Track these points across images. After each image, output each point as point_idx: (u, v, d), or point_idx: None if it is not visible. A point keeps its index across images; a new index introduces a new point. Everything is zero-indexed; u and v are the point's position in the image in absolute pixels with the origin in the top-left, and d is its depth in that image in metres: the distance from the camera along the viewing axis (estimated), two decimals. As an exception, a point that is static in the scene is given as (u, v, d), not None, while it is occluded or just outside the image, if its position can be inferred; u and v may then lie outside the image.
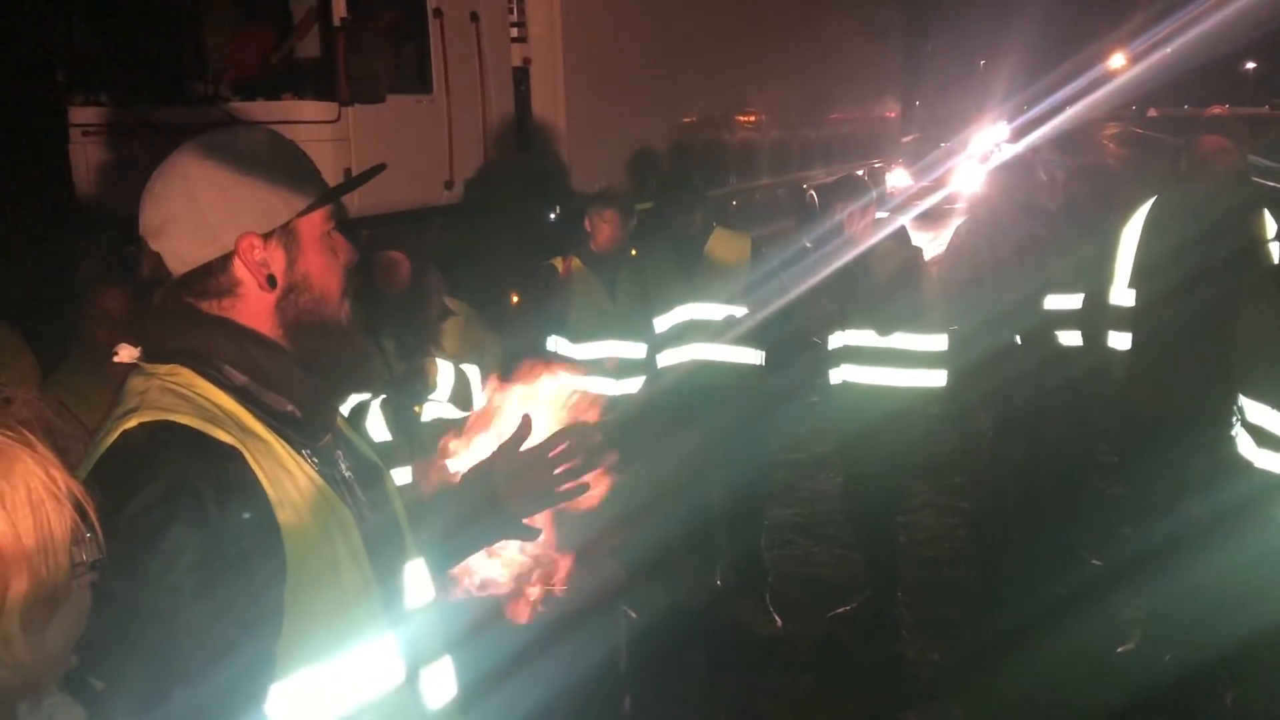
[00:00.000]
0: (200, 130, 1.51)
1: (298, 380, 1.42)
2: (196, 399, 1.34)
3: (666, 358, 4.73)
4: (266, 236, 1.40)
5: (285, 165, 1.46)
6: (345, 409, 3.60)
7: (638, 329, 4.71)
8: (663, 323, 4.72)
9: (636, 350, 4.74)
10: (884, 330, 4.33)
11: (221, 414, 1.34)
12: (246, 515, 1.26)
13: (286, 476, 1.34)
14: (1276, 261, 3.47)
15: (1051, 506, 5.10)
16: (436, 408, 3.82)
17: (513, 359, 4.32)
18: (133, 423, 1.28)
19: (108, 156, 6.83)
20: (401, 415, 3.66)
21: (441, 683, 1.60)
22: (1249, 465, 2.77)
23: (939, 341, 4.38)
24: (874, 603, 4.71)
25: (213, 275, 1.40)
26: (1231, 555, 2.97)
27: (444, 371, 3.81)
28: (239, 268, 1.40)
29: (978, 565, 5.32)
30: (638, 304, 4.71)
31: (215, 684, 1.20)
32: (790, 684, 4.26)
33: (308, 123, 6.07)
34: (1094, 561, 5.05)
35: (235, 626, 1.23)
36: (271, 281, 1.40)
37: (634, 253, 4.82)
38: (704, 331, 4.67)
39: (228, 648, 1.21)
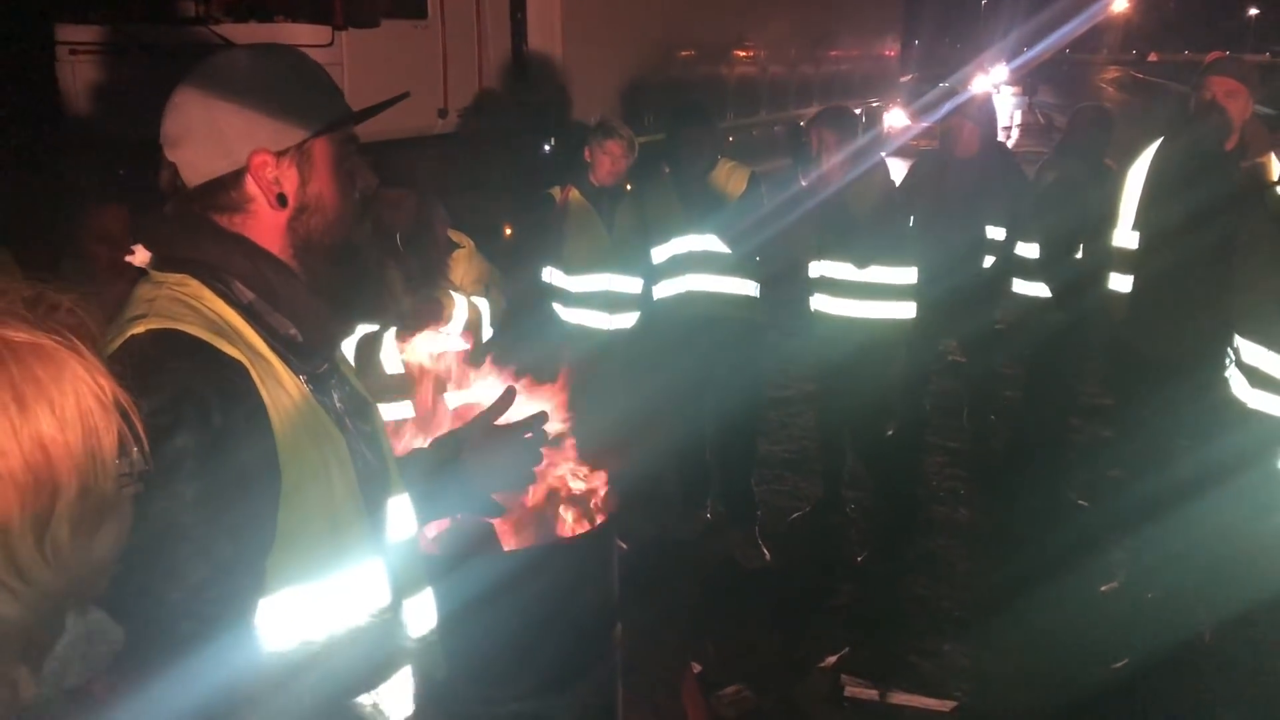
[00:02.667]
0: (191, 51, 1.50)
1: (304, 304, 1.42)
2: (204, 310, 1.33)
3: (663, 289, 4.72)
4: (281, 155, 1.39)
5: (307, 86, 1.45)
6: (355, 338, 3.62)
7: (633, 262, 4.69)
8: (660, 254, 4.69)
9: (631, 284, 4.72)
10: (860, 262, 4.39)
11: (228, 328, 1.34)
12: (249, 428, 1.27)
13: (286, 397, 1.34)
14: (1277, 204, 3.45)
15: (1040, 448, 5.15)
16: (447, 339, 3.82)
17: (511, 291, 4.35)
18: (140, 329, 1.28)
19: (96, 76, 6.70)
20: (414, 347, 3.66)
21: (422, 614, 1.62)
22: (1242, 406, 2.78)
23: (909, 274, 4.42)
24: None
25: (225, 190, 1.40)
26: (1217, 495, 3.00)
27: (459, 304, 3.82)
28: (251, 184, 1.40)
29: (966, 504, 5.37)
30: (635, 237, 4.68)
31: (209, 592, 1.21)
32: (778, 616, 4.31)
33: (301, 46, 5.96)
34: (1081, 503, 5.10)
35: (232, 536, 1.24)
36: (282, 200, 1.40)
37: (628, 187, 4.78)
38: (700, 263, 4.65)
39: (223, 556, 1.22)
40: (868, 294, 4.44)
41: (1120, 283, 4.00)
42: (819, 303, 4.60)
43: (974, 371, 6.03)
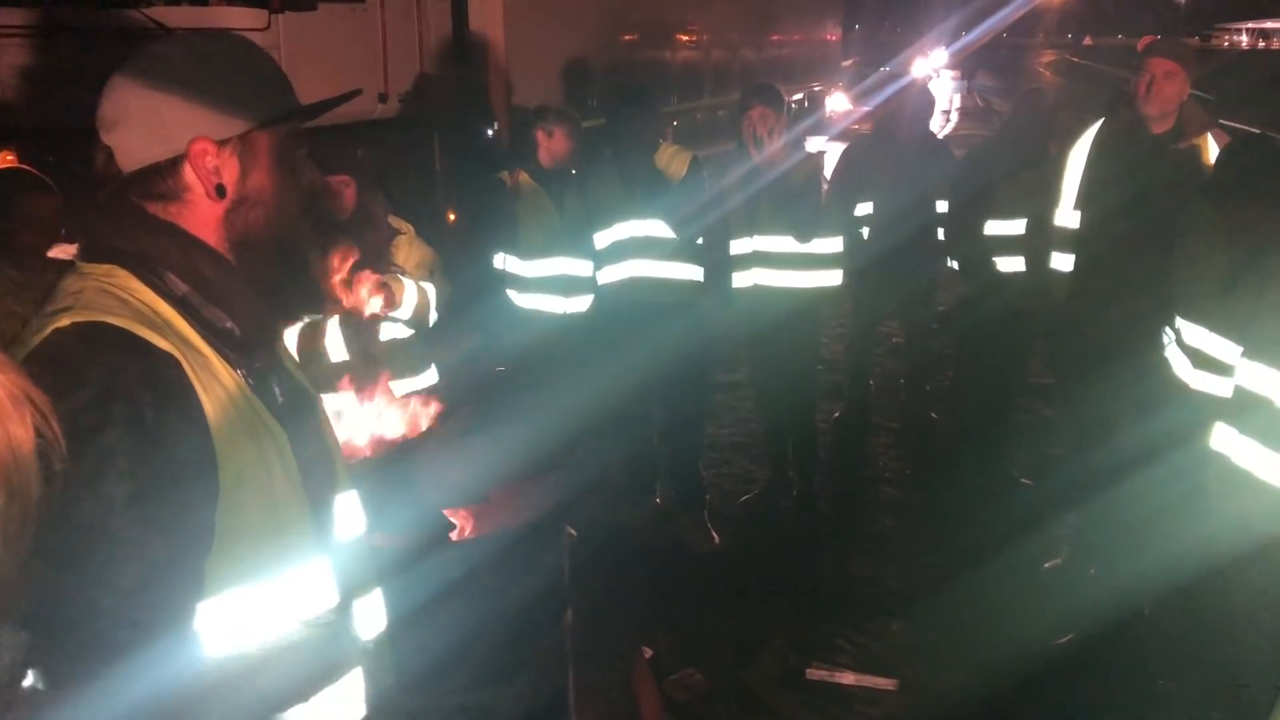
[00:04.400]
0: (123, 35, 1.45)
1: (241, 297, 1.37)
2: (133, 303, 1.28)
3: (607, 275, 4.69)
4: (222, 144, 1.35)
5: (254, 76, 1.40)
6: (298, 327, 3.55)
7: (585, 246, 4.66)
8: (603, 239, 4.66)
9: (584, 268, 4.69)
10: (802, 235, 4.49)
11: (160, 320, 1.28)
12: (182, 424, 1.21)
13: (222, 391, 1.29)
14: (1214, 186, 3.51)
15: (982, 426, 5.22)
16: (393, 326, 3.78)
17: (456, 278, 4.30)
18: (65, 321, 1.22)
19: (24, 60, 6.49)
20: (360, 334, 3.61)
21: (372, 614, 1.58)
22: (1184, 386, 2.82)
23: (836, 244, 4.54)
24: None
25: (161, 177, 1.34)
26: (1157, 474, 3.05)
27: (408, 289, 3.77)
28: (189, 172, 1.35)
29: (912, 485, 5.42)
30: (584, 220, 4.65)
31: (145, 595, 1.16)
32: (728, 600, 4.32)
33: (236, 30, 5.83)
34: (1024, 481, 5.18)
35: (167, 538, 1.18)
36: (220, 191, 1.35)
37: (574, 171, 4.74)
38: (644, 249, 4.63)
39: (157, 559, 1.17)
40: (802, 264, 4.55)
41: (1062, 262, 4.05)
42: (753, 276, 4.64)
43: (913, 354, 6.10)
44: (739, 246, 4.66)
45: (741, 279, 4.68)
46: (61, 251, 1.36)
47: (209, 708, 1.25)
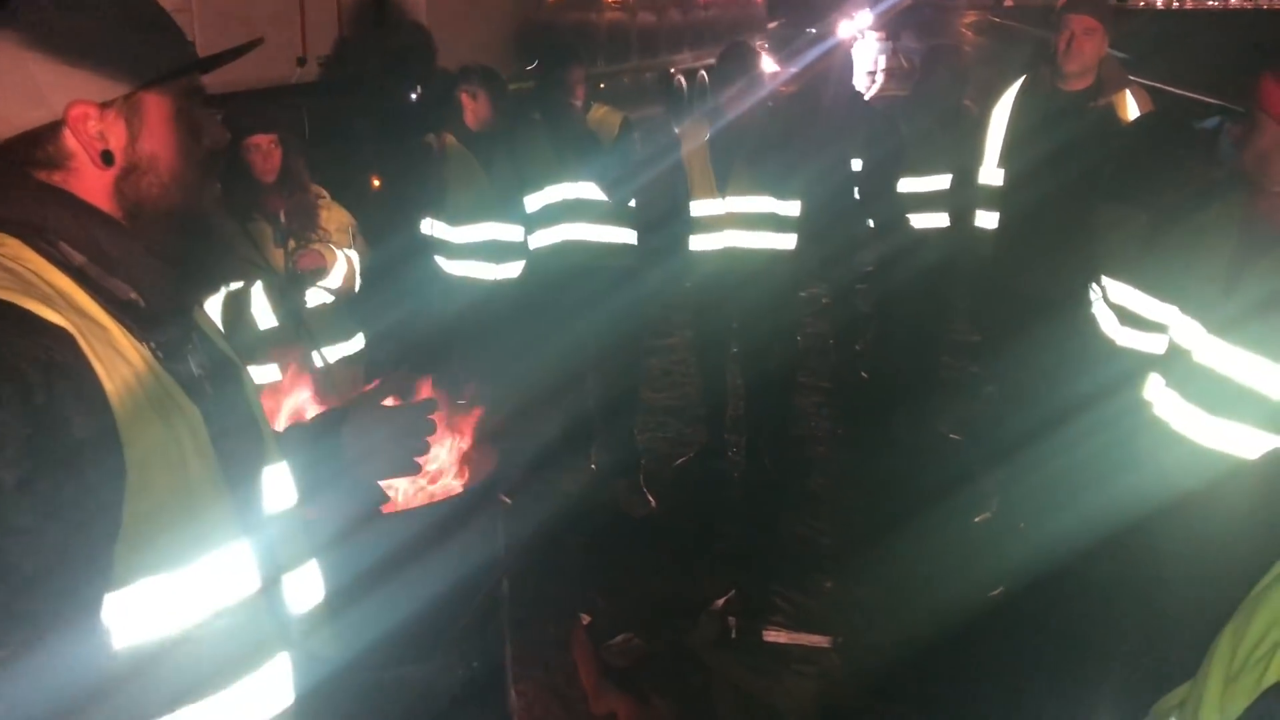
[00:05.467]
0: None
1: (143, 267, 1.27)
2: (24, 274, 1.17)
3: (538, 239, 4.64)
4: (105, 106, 1.23)
5: (139, 27, 1.27)
6: (221, 295, 3.47)
7: (515, 210, 4.59)
8: (534, 202, 4.60)
9: (514, 232, 4.62)
10: (779, 194, 4.43)
11: (53, 293, 1.18)
12: (78, 403, 1.11)
13: (126, 367, 1.19)
14: (1136, 143, 3.57)
15: (910, 384, 5.29)
16: (319, 293, 3.71)
17: (377, 242, 4.22)
18: None
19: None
20: (287, 300, 3.54)
21: (305, 589, 1.52)
22: (1111, 342, 2.87)
23: (796, 206, 4.49)
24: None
25: (39, 144, 1.23)
26: (1083, 430, 3.10)
27: (338, 257, 3.71)
28: (70, 139, 1.23)
29: (842, 443, 5.48)
30: (514, 184, 4.58)
31: (44, 589, 1.07)
32: (665, 562, 4.34)
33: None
34: (953, 437, 5.26)
35: (65, 525, 1.09)
36: (107, 158, 1.24)
37: (501, 133, 4.67)
38: (575, 211, 4.58)
39: (58, 549, 1.08)
40: (768, 225, 4.48)
41: (987, 220, 4.09)
42: (721, 239, 4.56)
43: (840, 314, 6.15)
44: (707, 208, 4.55)
45: (710, 241, 4.57)
46: None
47: (118, 701, 1.18)
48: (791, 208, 4.48)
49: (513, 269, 4.65)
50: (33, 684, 1.05)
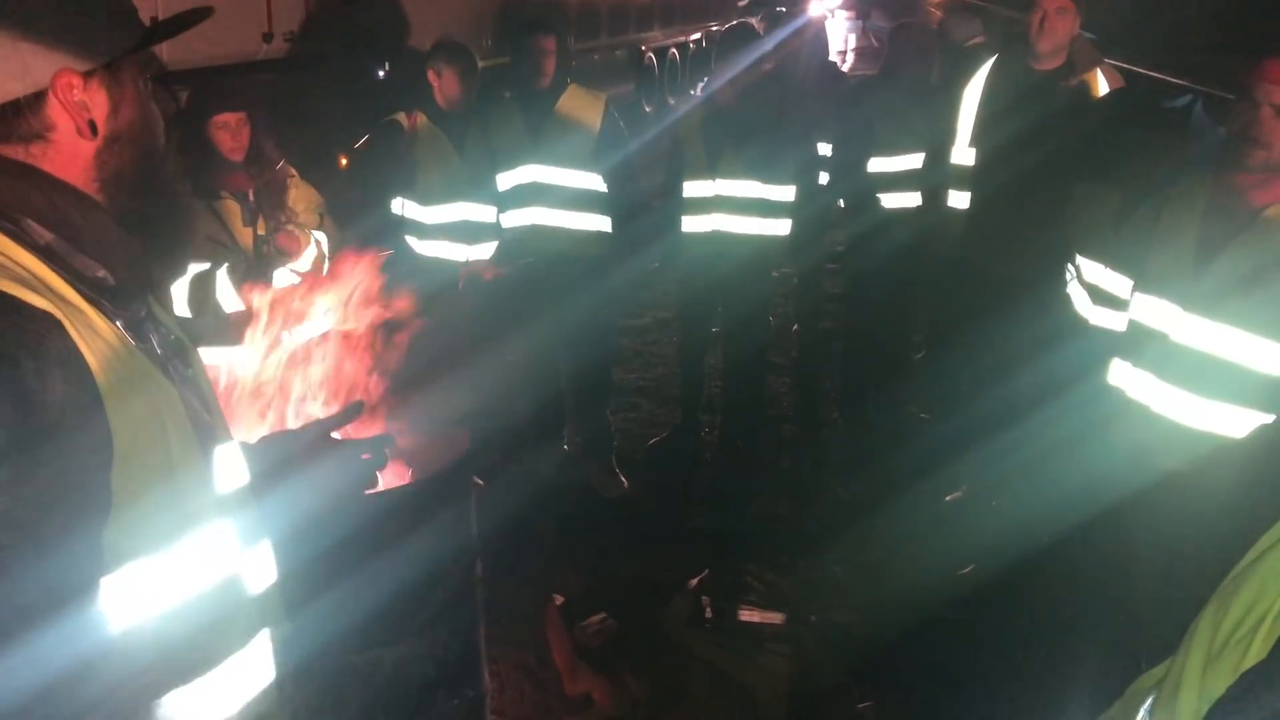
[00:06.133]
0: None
1: (113, 242, 1.27)
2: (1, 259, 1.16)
3: (509, 219, 4.59)
4: (87, 75, 1.22)
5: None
6: (187, 278, 3.41)
7: (488, 190, 4.53)
8: (505, 180, 4.55)
9: (487, 213, 4.57)
10: (766, 178, 4.38)
11: (29, 275, 1.16)
12: (69, 389, 1.11)
13: (106, 348, 1.18)
14: (1106, 121, 3.58)
15: (880, 364, 5.30)
16: (288, 274, 3.66)
17: (346, 222, 4.17)
18: None
19: None
20: (254, 281, 3.48)
21: (262, 567, 1.51)
22: (1084, 322, 2.88)
23: (791, 191, 4.45)
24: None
25: (21, 115, 1.21)
26: (1056, 410, 3.12)
27: (310, 250, 3.67)
28: (54, 108, 1.22)
29: (811, 423, 5.49)
30: (486, 163, 4.52)
31: (41, 576, 1.06)
32: (637, 544, 4.34)
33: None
34: (923, 416, 5.28)
35: (61, 513, 1.08)
36: (92, 128, 1.23)
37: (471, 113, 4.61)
38: (548, 196, 4.53)
39: (54, 536, 1.08)
40: (757, 210, 4.44)
41: (959, 200, 4.10)
42: (709, 222, 4.51)
43: (808, 294, 6.13)
44: (697, 189, 4.50)
45: (698, 223, 4.53)
46: None
47: (112, 684, 1.17)
48: (780, 192, 4.43)
49: (485, 250, 4.60)
50: (31, 675, 1.05)
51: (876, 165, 4.81)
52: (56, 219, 1.22)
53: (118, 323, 1.25)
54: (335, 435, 1.66)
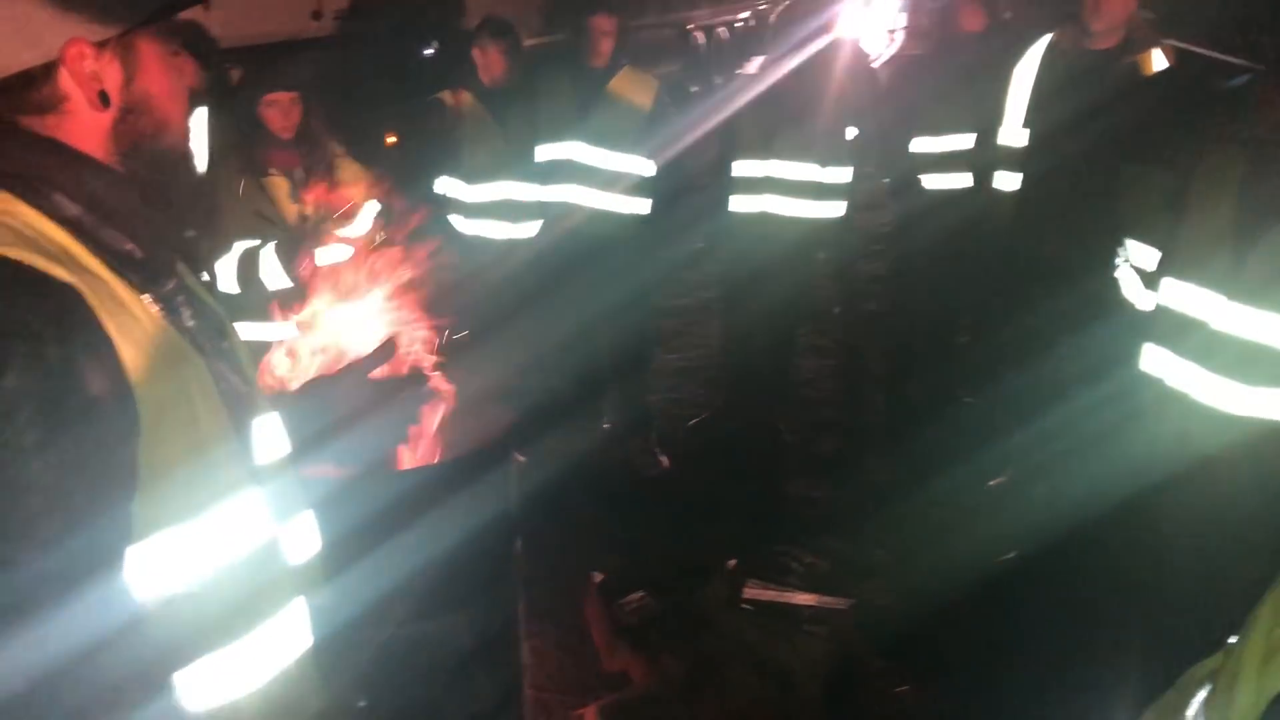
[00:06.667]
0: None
1: (139, 215, 1.27)
2: (22, 229, 1.16)
3: (550, 193, 4.57)
4: (100, 46, 1.22)
5: None
6: (235, 254, 3.45)
7: (531, 169, 4.53)
8: (545, 153, 4.52)
9: (530, 191, 4.57)
10: (823, 160, 4.32)
11: (54, 248, 1.17)
12: (91, 361, 1.11)
13: (131, 321, 1.19)
14: (1156, 100, 3.49)
15: (925, 346, 5.23)
16: (333, 251, 3.69)
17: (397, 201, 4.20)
18: None
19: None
20: (301, 258, 3.52)
21: (303, 539, 1.52)
22: (1132, 308, 2.83)
23: (848, 173, 4.39)
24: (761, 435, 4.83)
25: (34, 86, 1.21)
26: (1099, 396, 3.07)
27: (367, 209, 3.67)
28: (66, 79, 1.21)
29: (852, 405, 5.45)
30: (531, 142, 4.52)
31: (66, 546, 1.07)
32: (676, 523, 4.34)
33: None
34: (967, 400, 5.21)
35: (85, 483, 1.09)
36: (104, 99, 1.23)
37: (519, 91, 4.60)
38: (589, 176, 4.52)
39: (79, 506, 1.09)
40: (810, 193, 4.38)
41: (1007, 181, 4.02)
42: (759, 203, 4.46)
43: (847, 275, 6.07)
44: (748, 169, 4.44)
45: (747, 204, 4.47)
46: None
47: (139, 653, 1.18)
48: (836, 174, 4.38)
49: (528, 229, 4.61)
50: (56, 639, 1.06)
51: (921, 146, 4.75)
52: (82, 192, 1.22)
53: (146, 296, 1.25)
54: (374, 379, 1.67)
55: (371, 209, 3.77)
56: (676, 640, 3.59)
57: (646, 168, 4.49)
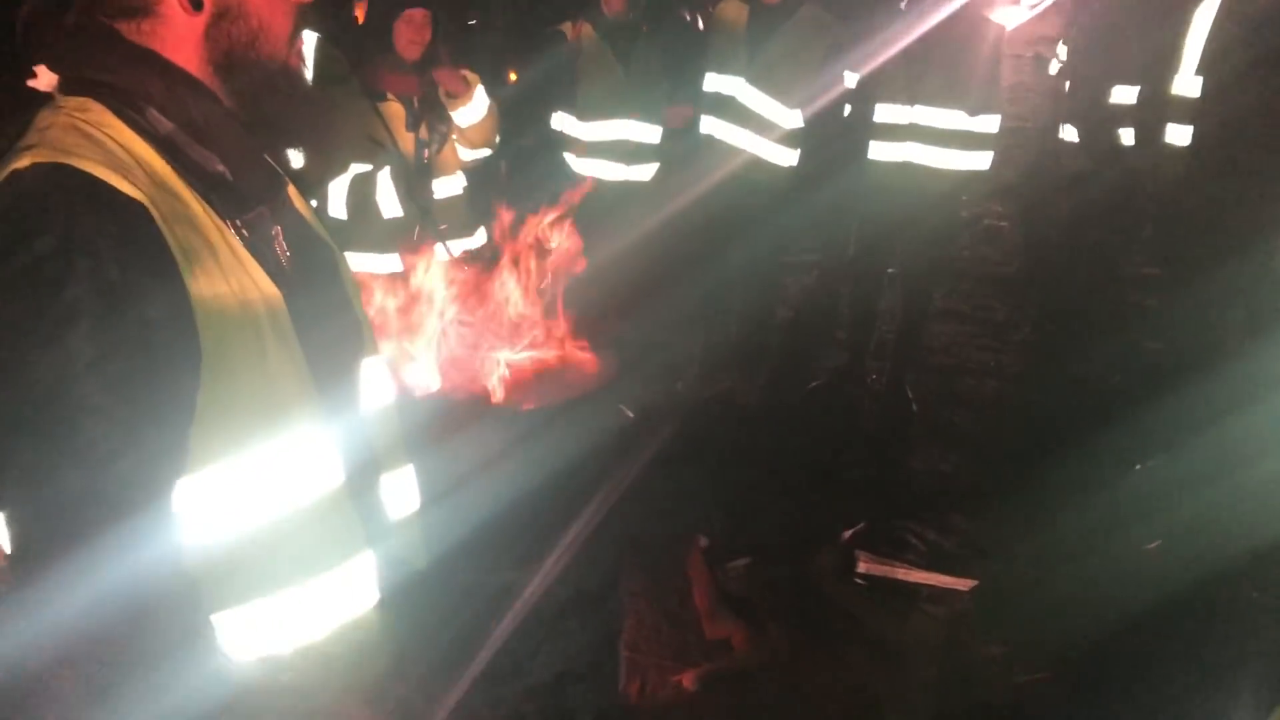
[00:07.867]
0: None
1: (234, 136, 1.22)
2: (106, 141, 1.11)
3: (708, 125, 4.35)
4: None
5: None
6: (347, 177, 3.39)
7: (652, 108, 4.34)
8: (711, 83, 4.28)
9: (650, 133, 4.38)
10: (972, 110, 4.06)
11: (133, 162, 1.11)
12: (153, 281, 1.07)
13: (203, 244, 1.13)
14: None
15: (1079, 315, 4.89)
16: (448, 183, 3.59)
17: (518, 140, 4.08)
18: (25, 162, 1.06)
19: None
20: (415, 188, 3.44)
21: (402, 491, 1.47)
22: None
23: (995, 122, 4.10)
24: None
25: None
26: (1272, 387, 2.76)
27: (478, 97, 3.56)
28: None
29: (994, 376, 5.14)
30: (652, 81, 4.33)
31: (115, 468, 1.02)
32: (789, 490, 4.14)
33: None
34: (1115, 378, 4.85)
35: (139, 406, 1.04)
36: (197, 2, 1.17)
37: (644, 27, 4.40)
38: (744, 116, 4.28)
39: (129, 428, 1.03)
40: (958, 143, 4.09)
41: (1178, 135, 3.65)
42: (900, 151, 4.18)
43: (1018, 237, 5.71)
44: (891, 115, 4.16)
45: (888, 151, 4.19)
46: (42, 83, 1.20)
47: (188, 586, 1.12)
48: (985, 123, 4.07)
49: (645, 171, 4.42)
50: (103, 563, 1.02)
51: (1120, 95, 4.34)
52: (175, 108, 1.18)
53: (230, 221, 1.20)
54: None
55: (482, 98, 3.63)
56: (782, 610, 3.40)
57: (796, 120, 4.24)
